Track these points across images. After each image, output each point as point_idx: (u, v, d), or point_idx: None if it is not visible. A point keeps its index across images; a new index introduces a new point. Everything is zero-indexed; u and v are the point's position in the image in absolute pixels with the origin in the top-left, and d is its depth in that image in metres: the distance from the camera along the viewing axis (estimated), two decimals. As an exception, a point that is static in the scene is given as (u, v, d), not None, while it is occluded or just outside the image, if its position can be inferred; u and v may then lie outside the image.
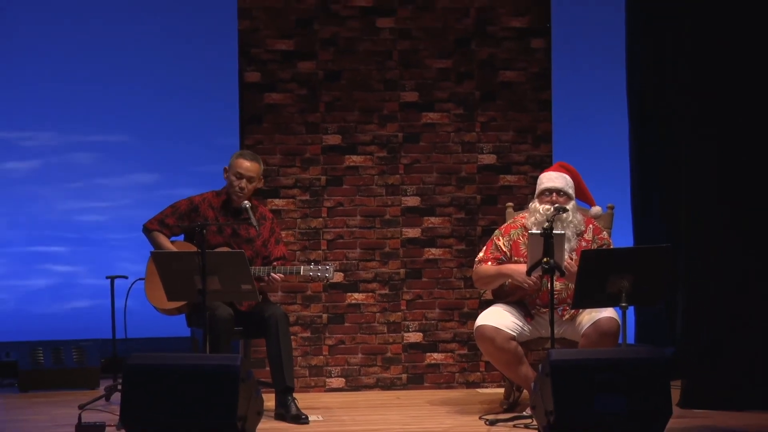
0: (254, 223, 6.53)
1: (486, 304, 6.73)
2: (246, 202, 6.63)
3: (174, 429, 5.33)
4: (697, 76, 6.84)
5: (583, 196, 6.69)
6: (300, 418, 6.48)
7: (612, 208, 6.99)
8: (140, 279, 6.78)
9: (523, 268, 6.34)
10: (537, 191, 6.58)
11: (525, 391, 6.65)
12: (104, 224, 8.97)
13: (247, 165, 6.68)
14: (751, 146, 6.74)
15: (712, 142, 6.78)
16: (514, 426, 6.31)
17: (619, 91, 8.45)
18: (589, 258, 5.92)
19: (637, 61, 8.36)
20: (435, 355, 7.68)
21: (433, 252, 7.71)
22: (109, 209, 8.99)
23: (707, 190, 6.77)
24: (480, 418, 6.53)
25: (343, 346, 7.63)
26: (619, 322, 6.19)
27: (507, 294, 6.62)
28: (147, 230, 6.75)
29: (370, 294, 7.65)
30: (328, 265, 6.62)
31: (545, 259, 5.96)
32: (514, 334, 6.45)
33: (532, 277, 6.29)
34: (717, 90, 6.76)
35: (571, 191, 6.53)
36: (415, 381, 7.67)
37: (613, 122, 8.63)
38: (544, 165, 7.55)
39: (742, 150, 6.73)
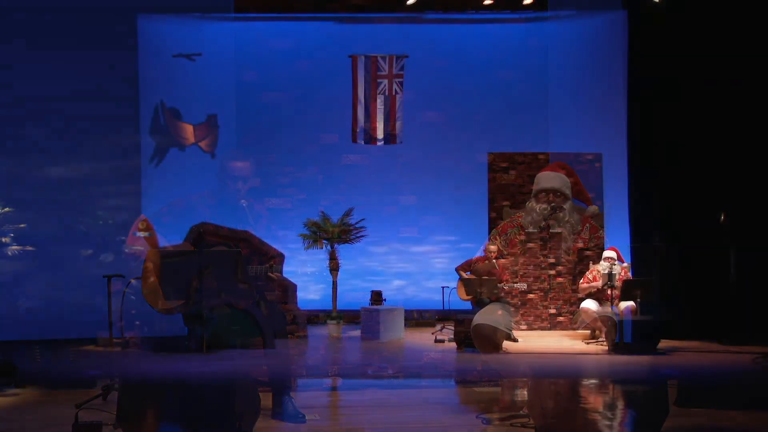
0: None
1: (482, 303, 6.73)
2: (242, 201, 6.63)
3: (171, 428, 5.33)
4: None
5: (579, 195, 6.69)
6: (297, 417, 6.48)
7: (601, 207, 7.00)
8: (137, 278, 6.78)
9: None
10: (534, 191, 6.58)
11: (521, 389, 6.65)
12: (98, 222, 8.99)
13: None
14: (754, 148, 6.75)
15: (712, 143, 6.78)
16: (511, 425, 6.31)
17: (617, 89, 8.45)
18: None
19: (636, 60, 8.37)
20: (432, 353, 7.68)
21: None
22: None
23: (706, 192, 6.78)
24: (477, 417, 6.54)
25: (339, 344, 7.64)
26: (616, 321, 6.20)
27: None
28: None
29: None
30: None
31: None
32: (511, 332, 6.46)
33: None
34: (717, 92, 6.77)
35: (567, 191, 6.54)
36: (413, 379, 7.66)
37: (610, 121, 8.63)
38: (541, 164, 7.55)
39: (746, 154, 6.75)
